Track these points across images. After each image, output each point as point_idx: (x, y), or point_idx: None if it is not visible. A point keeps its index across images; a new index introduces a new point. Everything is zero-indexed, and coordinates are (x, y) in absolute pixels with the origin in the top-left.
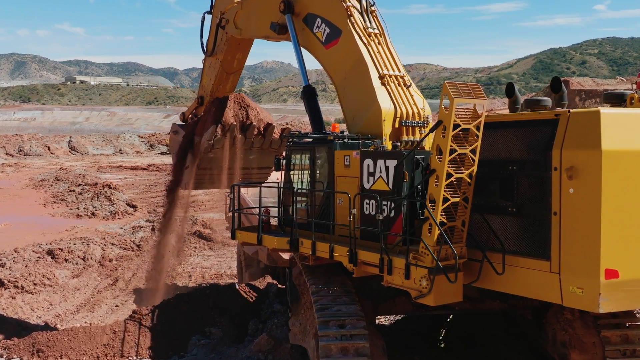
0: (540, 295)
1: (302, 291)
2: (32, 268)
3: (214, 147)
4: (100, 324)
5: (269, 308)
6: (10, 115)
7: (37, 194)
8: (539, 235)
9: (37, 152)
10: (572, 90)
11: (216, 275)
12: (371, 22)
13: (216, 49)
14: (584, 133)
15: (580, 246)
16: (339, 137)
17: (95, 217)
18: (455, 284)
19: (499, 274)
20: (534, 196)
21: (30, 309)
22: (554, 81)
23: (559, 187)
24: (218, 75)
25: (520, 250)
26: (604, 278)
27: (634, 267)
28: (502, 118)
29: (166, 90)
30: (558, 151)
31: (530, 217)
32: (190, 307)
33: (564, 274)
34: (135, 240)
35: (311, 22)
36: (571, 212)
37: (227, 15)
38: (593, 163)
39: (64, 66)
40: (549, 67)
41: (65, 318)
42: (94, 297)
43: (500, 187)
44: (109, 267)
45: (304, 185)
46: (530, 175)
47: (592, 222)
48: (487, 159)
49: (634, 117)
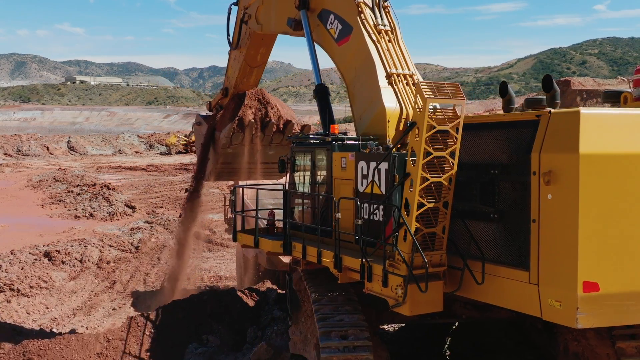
0: (520, 307)
1: (303, 298)
2: (28, 270)
3: (232, 144)
4: (96, 327)
5: (268, 314)
6: (10, 115)
7: (35, 194)
8: (518, 243)
9: (36, 152)
10: (573, 90)
11: (215, 277)
12: (383, 19)
13: (240, 42)
14: (563, 135)
15: (558, 256)
16: (337, 138)
17: (93, 218)
18: (435, 293)
19: (478, 283)
20: (515, 202)
21: (25, 313)
22: (545, 80)
23: (538, 192)
24: (241, 69)
25: (501, 259)
26: (581, 291)
27: (617, 280)
28: (484, 119)
29: (166, 90)
30: (537, 154)
31: (510, 225)
32: (186, 313)
33: (542, 285)
34: (133, 242)
35: (325, 18)
36: (549, 220)
37: (250, 10)
38: (570, 167)
39: (64, 66)
40: (549, 67)
41: (61, 322)
42: (90, 300)
43: (482, 192)
44: (106, 270)
45: (306, 187)
46: (511, 180)
47: (570, 231)
48: (469, 162)
49: (618, 117)
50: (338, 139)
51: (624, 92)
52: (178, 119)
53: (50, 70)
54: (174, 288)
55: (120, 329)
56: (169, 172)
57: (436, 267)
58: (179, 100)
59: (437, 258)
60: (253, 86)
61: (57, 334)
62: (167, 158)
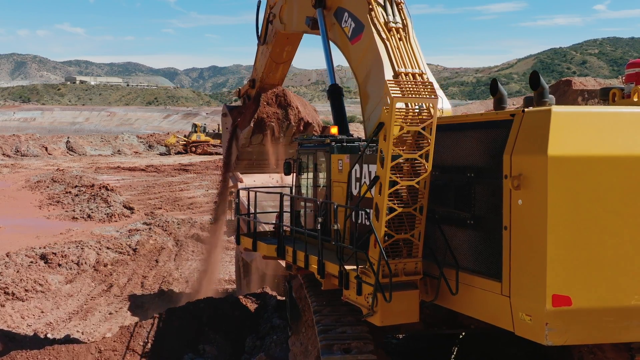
0: (493, 320)
1: (303, 307)
2: (24, 273)
3: (252, 144)
4: (92, 332)
5: (267, 323)
6: (10, 116)
7: (32, 195)
8: (492, 252)
9: (35, 152)
10: (574, 90)
11: (214, 280)
12: (395, 16)
13: (267, 38)
14: (533, 135)
15: (528, 267)
16: (337, 139)
17: (91, 220)
18: (410, 303)
19: (452, 293)
20: (490, 207)
21: (20, 317)
22: (532, 76)
23: (509, 198)
24: (267, 64)
25: (476, 268)
26: (550, 305)
27: (591, 294)
28: (461, 119)
29: (166, 90)
30: (508, 156)
31: (485, 231)
32: (182, 322)
33: (513, 297)
34: (131, 244)
35: (340, 16)
36: (520, 227)
37: (275, 10)
38: (538, 170)
39: (64, 66)
40: (549, 67)
41: (56, 327)
42: (87, 304)
43: (458, 196)
44: (103, 272)
45: (309, 190)
46: (486, 184)
47: (539, 240)
48: (447, 165)
49: (594, 116)
50: (337, 140)
51: (612, 88)
52: (178, 119)
53: (50, 70)
54: (198, 290)
55: (112, 338)
56: (168, 172)
57: (410, 275)
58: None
59: (411, 266)
60: (280, 80)
61: (47, 344)
62: (167, 158)
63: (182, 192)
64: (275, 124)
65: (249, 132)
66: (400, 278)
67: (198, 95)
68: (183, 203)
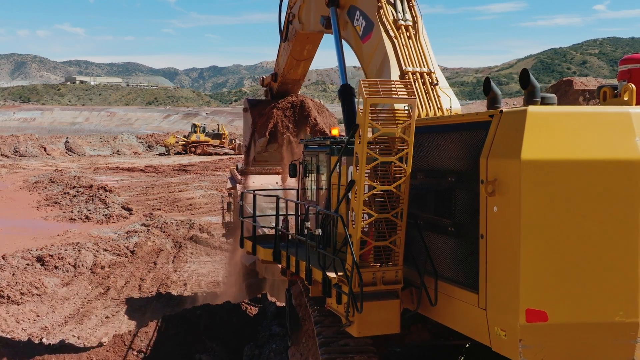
0: (472, 334)
1: (304, 316)
2: (19, 276)
3: (267, 151)
4: (88, 337)
5: (266, 330)
6: (10, 116)
7: (30, 196)
8: (470, 262)
9: (33, 153)
10: (575, 90)
11: (213, 283)
12: (405, 13)
13: (288, 36)
14: (509, 138)
15: (503, 279)
16: (337, 141)
17: (89, 221)
18: (390, 313)
19: (431, 304)
20: (470, 214)
21: (15, 321)
22: (522, 74)
23: (485, 204)
24: (288, 61)
25: (456, 278)
26: (524, 320)
27: (570, 308)
28: (444, 120)
29: (166, 91)
30: (485, 160)
31: (464, 240)
32: (177, 330)
33: (489, 311)
34: (129, 246)
35: (352, 15)
36: (495, 236)
37: (294, 10)
38: (512, 175)
39: (64, 66)
40: (549, 67)
41: (52, 331)
42: (83, 307)
43: (439, 202)
44: (100, 275)
45: (313, 192)
46: (465, 189)
47: (512, 250)
48: (431, 169)
49: (574, 117)
50: (338, 141)
51: (604, 87)
52: (178, 119)
53: (50, 70)
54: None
55: (105, 348)
56: (168, 173)
57: (390, 284)
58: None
59: (391, 274)
60: (301, 75)
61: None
62: (166, 159)
63: (181, 193)
64: (292, 134)
65: (265, 142)
66: (379, 287)
67: (198, 96)
68: (182, 204)
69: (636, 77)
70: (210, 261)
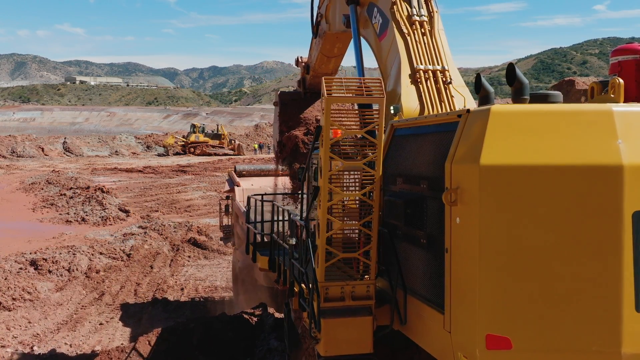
0: (440, 358)
1: (303, 333)
2: (12, 281)
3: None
4: (81, 344)
5: (264, 345)
6: (10, 116)
7: (26, 197)
8: (437, 278)
9: (31, 153)
10: (577, 90)
11: (210, 288)
12: (421, 8)
13: (319, 33)
14: (471, 140)
15: (464, 299)
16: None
17: (85, 223)
18: (361, 331)
19: (401, 323)
20: (438, 225)
21: (5, 328)
22: (508, 70)
23: (450, 215)
24: (319, 57)
25: (425, 295)
26: (483, 347)
27: (537, 335)
28: (420, 122)
29: (166, 91)
30: (449, 165)
31: (433, 254)
32: (170, 345)
33: (453, 334)
34: (125, 249)
35: (370, 12)
36: (458, 250)
37: (321, 10)
38: (472, 183)
39: (64, 66)
40: (549, 67)
41: (44, 338)
42: (77, 313)
43: (412, 211)
44: (95, 279)
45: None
46: (434, 197)
47: (472, 267)
48: (407, 174)
49: (545, 116)
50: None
51: (592, 83)
52: (178, 119)
53: (50, 70)
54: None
55: None
56: (166, 174)
57: (360, 299)
58: (179, 100)
59: (362, 289)
60: (333, 70)
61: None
62: (165, 159)
63: (180, 194)
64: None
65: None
66: (347, 303)
67: (198, 96)
68: (180, 205)
69: (627, 70)
70: (208, 264)
